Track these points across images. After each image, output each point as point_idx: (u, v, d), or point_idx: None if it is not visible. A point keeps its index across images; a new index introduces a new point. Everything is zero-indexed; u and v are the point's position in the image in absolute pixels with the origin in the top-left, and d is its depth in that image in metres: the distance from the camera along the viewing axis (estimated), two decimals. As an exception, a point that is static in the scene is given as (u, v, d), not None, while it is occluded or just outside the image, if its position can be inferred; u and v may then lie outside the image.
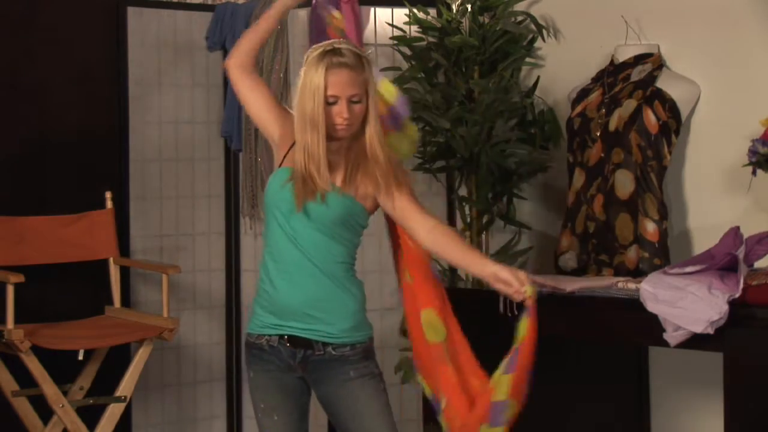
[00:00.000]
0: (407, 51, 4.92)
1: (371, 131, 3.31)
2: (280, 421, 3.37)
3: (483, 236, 4.88)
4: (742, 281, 3.59)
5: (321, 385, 3.37)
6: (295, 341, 3.33)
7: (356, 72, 3.26)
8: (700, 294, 3.59)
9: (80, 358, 4.67)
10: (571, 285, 3.99)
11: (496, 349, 4.20)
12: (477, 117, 4.71)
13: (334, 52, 3.26)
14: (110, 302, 5.02)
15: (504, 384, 3.24)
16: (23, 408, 4.66)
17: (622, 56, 4.46)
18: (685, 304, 3.61)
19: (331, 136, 3.29)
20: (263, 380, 3.38)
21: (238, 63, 3.47)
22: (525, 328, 3.23)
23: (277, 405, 3.37)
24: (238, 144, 5.25)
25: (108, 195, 5.04)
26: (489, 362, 4.21)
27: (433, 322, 3.44)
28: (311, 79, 3.24)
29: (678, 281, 3.68)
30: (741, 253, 3.64)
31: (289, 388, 3.38)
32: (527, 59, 4.87)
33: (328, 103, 3.26)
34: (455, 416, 3.36)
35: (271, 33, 3.63)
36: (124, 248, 5.12)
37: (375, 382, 3.38)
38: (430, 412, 3.55)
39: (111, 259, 5.01)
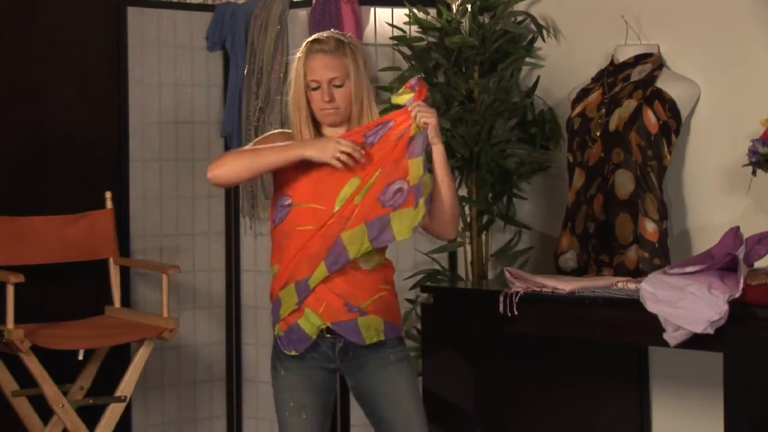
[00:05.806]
0: (407, 51, 4.91)
1: (356, 112, 3.35)
2: (308, 420, 3.37)
3: (483, 236, 4.88)
4: (742, 281, 3.58)
5: (359, 372, 3.40)
6: (335, 332, 3.36)
7: (334, 56, 3.33)
8: (700, 294, 3.59)
9: (80, 358, 4.67)
10: (571, 285, 3.99)
11: (497, 349, 4.23)
12: (477, 117, 4.71)
13: (315, 41, 3.38)
14: (110, 302, 5.02)
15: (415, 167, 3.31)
16: (23, 408, 4.65)
17: (622, 56, 4.45)
18: (685, 304, 3.60)
19: (326, 124, 3.38)
20: (295, 379, 3.38)
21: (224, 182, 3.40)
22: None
23: (307, 404, 3.38)
24: (237, 144, 5.25)
25: (108, 195, 5.04)
26: (488, 362, 4.23)
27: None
28: (295, 69, 3.37)
29: (678, 281, 3.68)
30: (741, 253, 3.63)
31: (320, 386, 3.40)
32: (527, 59, 4.86)
33: (312, 89, 3.34)
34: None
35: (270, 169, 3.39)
36: (124, 248, 5.11)
37: (410, 365, 3.44)
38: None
39: (111, 259, 5.00)
